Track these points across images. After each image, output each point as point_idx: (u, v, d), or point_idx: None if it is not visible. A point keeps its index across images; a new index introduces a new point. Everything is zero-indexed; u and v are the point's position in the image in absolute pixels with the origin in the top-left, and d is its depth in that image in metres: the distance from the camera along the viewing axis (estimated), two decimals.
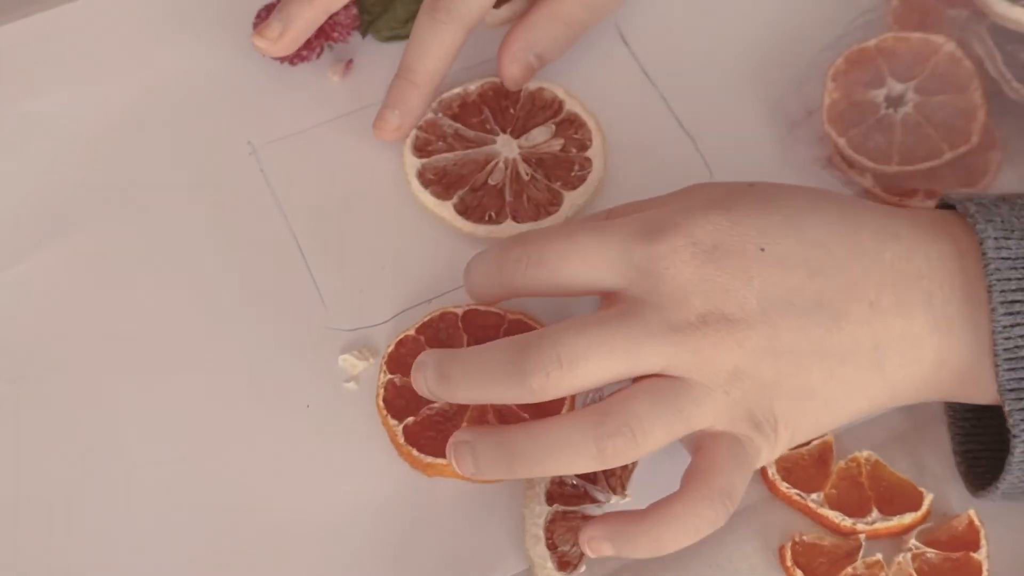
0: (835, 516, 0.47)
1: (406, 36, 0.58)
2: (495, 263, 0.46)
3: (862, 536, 0.47)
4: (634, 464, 0.48)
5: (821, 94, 0.54)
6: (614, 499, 0.47)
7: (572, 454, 0.43)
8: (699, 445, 0.43)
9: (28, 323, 0.52)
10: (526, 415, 0.48)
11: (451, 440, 0.45)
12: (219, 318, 0.52)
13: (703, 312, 0.42)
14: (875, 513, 0.47)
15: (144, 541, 0.48)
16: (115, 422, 0.50)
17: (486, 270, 0.47)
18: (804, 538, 0.47)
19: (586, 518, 0.47)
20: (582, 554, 0.46)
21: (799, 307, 0.43)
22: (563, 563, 0.46)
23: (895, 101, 0.53)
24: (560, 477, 0.47)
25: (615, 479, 0.47)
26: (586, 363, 0.42)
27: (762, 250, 0.43)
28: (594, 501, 0.47)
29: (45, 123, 0.57)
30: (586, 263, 0.44)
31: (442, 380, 0.45)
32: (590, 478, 0.48)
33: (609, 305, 0.45)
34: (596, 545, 0.43)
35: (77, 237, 0.54)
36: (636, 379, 0.43)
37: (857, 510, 0.47)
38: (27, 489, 0.49)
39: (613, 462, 0.43)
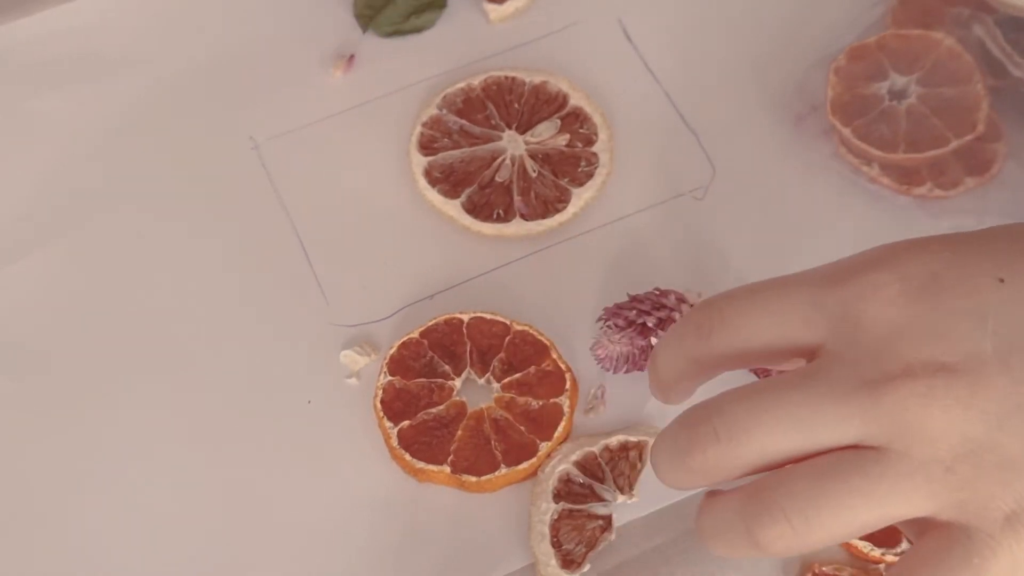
0: (864, 546, 0.45)
1: (407, 31, 0.58)
2: (677, 331, 0.39)
3: (881, 567, 0.46)
4: (643, 465, 0.47)
5: (824, 88, 0.54)
6: (621, 498, 0.47)
7: (727, 538, 0.35)
8: (921, 533, 0.34)
9: (30, 320, 0.52)
10: (522, 427, 0.48)
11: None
12: (221, 314, 0.52)
13: (910, 361, 0.33)
14: (905, 543, 0.46)
15: (144, 537, 0.47)
16: (117, 418, 0.50)
17: (670, 341, 0.39)
18: (824, 569, 0.45)
19: (592, 516, 0.46)
20: (586, 553, 0.46)
21: None
22: (567, 561, 0.45)
23: (898, 94, 0.53)
24: (567, 475, 0.47)
25: (623, 478, 0.47)
26: (748, 436, 0.34)
27: (1001, 281, 0.34)
28: (600, 500, 0.47)
29: (47, 121, 0.57)
30: (771, 316, 0.36)
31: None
32: (598, 476, 0.47)
33: None
34: None
35: (78, 235, 0.54)
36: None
37: (886, 539, 0.46)
38: (29, 487, 0.48)
39: (773, 550, 0.34)
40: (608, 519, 0.46)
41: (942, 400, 0.32)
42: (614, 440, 0.48)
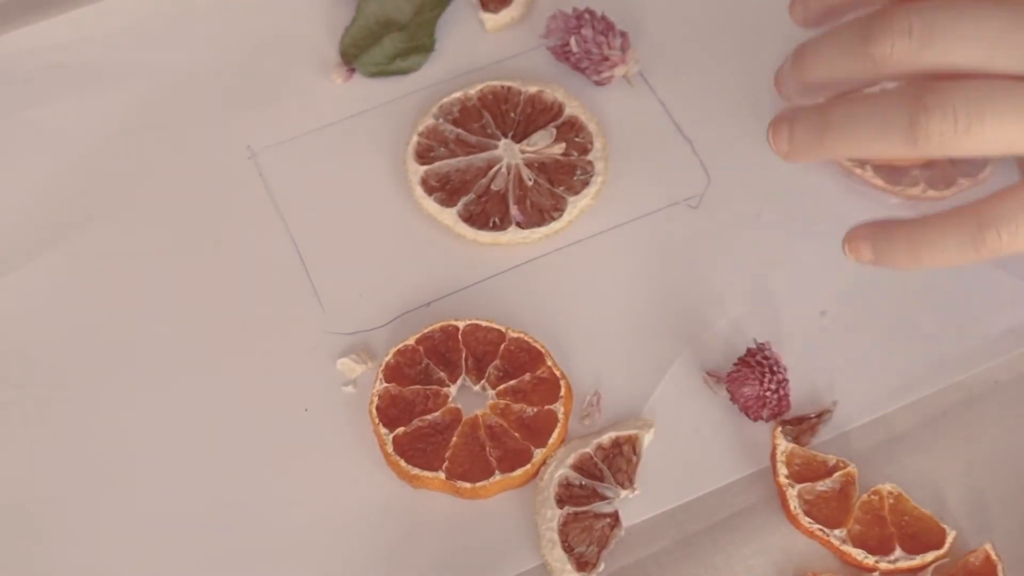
0: (858, 554, 0.45)
1: (392, 72, 0.58)
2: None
3: (876, 574, 0.46)
4: (638, 457, 0.47)
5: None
6: (623, 493, 0.47)
7: (884, 126, 0.36)
8: None
9: (30, 327, 0.52)
10: (517, 434, 0.48)
11: (773, 120, 0.40)
12: (218, 322, 0.52)
13: None
14: (898, 551, 0.45)
15: (141, 544, 0.47)
16: (114, 426, 0.50)
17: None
18: None
19: (598, 516, 0.46)
20: (599, 552, 0.46)
21: None
22: (581, 564, 0.45)
23: None
24: (566, 479, 0.47)
25: (622, 474, 0.47)
26: (942, 40, 0.36)
27: None
28: (603, 498, 0.47)
29: (46, 129, 0.57)
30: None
31: (795, 60, 0.40)
32: (596, 475, 0.47)
33: None
34: (856, 246, 0.39)
35: (78, 243, 0.54)
36: None
37: (880, 547, 0.46)
38: (31, 492, 0.49)
39: (927, 145, 0.36)
40: (615, 516, 0.46)
41: None
42: (605, 438, 0.48)
